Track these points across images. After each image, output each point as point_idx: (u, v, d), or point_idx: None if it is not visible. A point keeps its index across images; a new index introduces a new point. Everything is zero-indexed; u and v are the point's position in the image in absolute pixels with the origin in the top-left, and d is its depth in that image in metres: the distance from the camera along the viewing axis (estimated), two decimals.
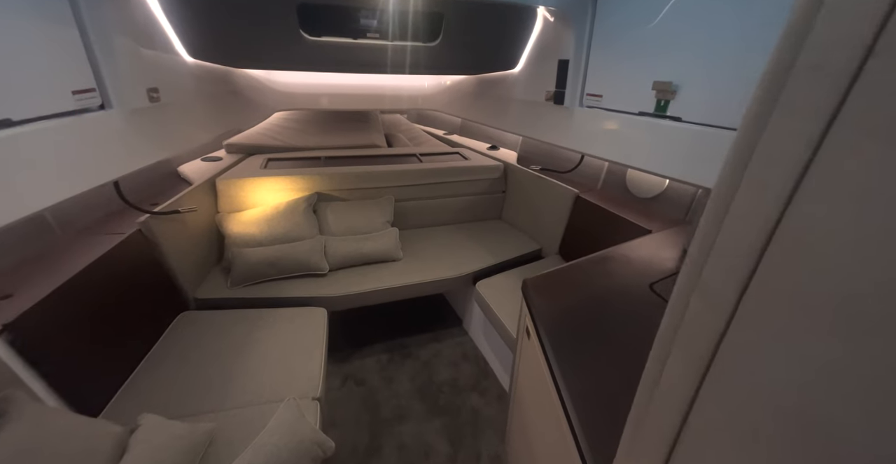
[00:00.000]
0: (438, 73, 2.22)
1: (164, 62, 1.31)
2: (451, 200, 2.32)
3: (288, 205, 1.89)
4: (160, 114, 1.29)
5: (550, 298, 1.06)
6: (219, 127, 1.75)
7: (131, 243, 1.31)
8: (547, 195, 2.00)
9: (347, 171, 2.09)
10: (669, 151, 1.22)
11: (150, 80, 1.23)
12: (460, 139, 3.04)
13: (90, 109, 1.04)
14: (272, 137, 2.53)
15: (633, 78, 1.33)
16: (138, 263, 1.34)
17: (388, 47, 1.69)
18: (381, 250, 1.88)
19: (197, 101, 1.54)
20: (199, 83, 1.53)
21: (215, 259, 1.82)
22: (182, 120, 1.44)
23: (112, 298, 1.20)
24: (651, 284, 1.10)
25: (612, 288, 1.09)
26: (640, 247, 1.33)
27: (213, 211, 1.88)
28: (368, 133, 2.78)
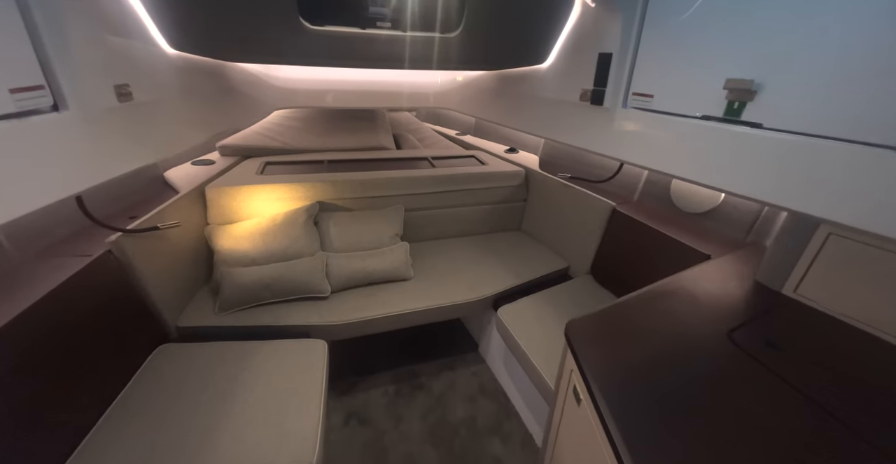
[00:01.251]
0: (457, 68, 2.02)
1: (138, 54, 1.12)
2: (467, 210, 2.12)
3: (286, 216, 1.70)
4: (134, 115, 1.10)
5: (605, 349, 0.85)
6: (209, 128, 1.56)
7: (99, 267, 1.13)
8: (577, 207, 1.79)
9: (353, 177, 1.90)
10: (746, 165, 1.01)
11: (118, 74, 1.04)
12: (475, 141, 2.83)
13: (40, 111, 0.85)
14: (271, 138, 2.35)
15: (695, 75, 1.12)
16: (108, 290, 1.16)
17: (402, 39, 1.49)
18: (390, 269, 1.69)
19: (181, 99, 1.35)
20: (183, 78, 1.34)
21: (203, 278, 1.64)
22: (163, 121, 1.25)
23: (74, 335, 1.02)
24: (730, 331, 0.89)
25: (682, 337, 0.89)
26: (703, 278, 1.12)
27: (202, 223, 1.69)
28: (375, 133, 2.58)
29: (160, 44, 1.21)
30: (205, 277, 1.64)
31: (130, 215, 1.43)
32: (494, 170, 2.12)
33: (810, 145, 0.85)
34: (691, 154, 1.16)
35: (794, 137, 0.91)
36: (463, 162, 2.30)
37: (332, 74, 2.29)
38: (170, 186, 1.73)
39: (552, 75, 1.64)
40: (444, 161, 2.29)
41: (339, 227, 1.79)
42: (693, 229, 1.44)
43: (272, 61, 1.61)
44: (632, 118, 1.36)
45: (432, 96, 2.50)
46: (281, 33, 1.32)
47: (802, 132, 0.88)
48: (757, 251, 1.25)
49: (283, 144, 2.31)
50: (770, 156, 0.96)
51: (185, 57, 1.31)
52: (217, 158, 2.13)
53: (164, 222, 1.35)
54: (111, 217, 1.39)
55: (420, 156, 2.36)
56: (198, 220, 1.67)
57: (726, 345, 0.85)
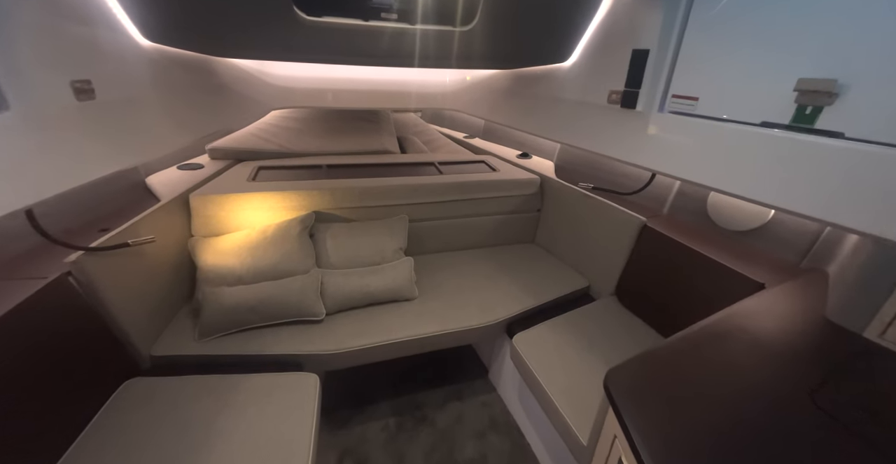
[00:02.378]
0: (470, 67, 1.87)
1: (105, 45, 0.98)
2: (477, 220, 1.96)
3: (278, 228, 1.55)
4: (99, 115, 0.96)
5: (658, 412, 0.69)
6: (195, 130, 1.42)
7: (54, 292, 0.98)
8: (600, 220, 1.63)
9: (352, 185, 1.75)
10: (818, 181, 0.85)
11: (77, 68, 0.89)
12: (484, 144, 2.68)
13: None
14: (266, 140, 2.20)
15: (754, 74, 0.97)
16: (66, 319, 1.01)
17: (409, 32, 1.34)
18: (392, 288, 1.53)
19: (159, 97, 1.20)
20: (161, 74, 1.20)
21: (186, 297, 1.49)
22: (136, 122, 1.11)
23: (23, 372, 0.87)
24: (811, 391, 0.73)
25: (754, 397, 0.73)
26: (761, 314, 0.96)
27: (186, 235, 1.54)
28: (379, 136, 2.43)
29: (132, 34, 1.06)
30: (187, 296, 1.49)
31: (101, 228, 1.28)
32: (506, 177, 1.97)
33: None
34: (745, 167, 1.00)
35: (885, 150, 0.75)
36: (472, 168, 2.14)
37: (334, 72, 2.14)
38: (152, 194, 1.58)
39: (575, 75, 1.49)
40: (452, 167, 2.14)
41: (337, 239, 1.64)
42: (736, 250, 1.27)
43: (262, 57, 1.46)
44: (670, 124, 1.20)
45: (440, 97, 2.35)
46: (271, 25, 1.17)
47: None
48: (819, 280, 1.08)
49: (279, 146, 2.17)
50: (852, 172, 0.79)
51: (162, 49, 1.16)
52: (206, 162, 1.98)
53: (138, 237, 1.20)
54: (78, 230, 1.25)
55: (426, 161, 2.20)
56: (180, 231, 1.52)
57: (813, 411, 0.68)
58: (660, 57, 1.18)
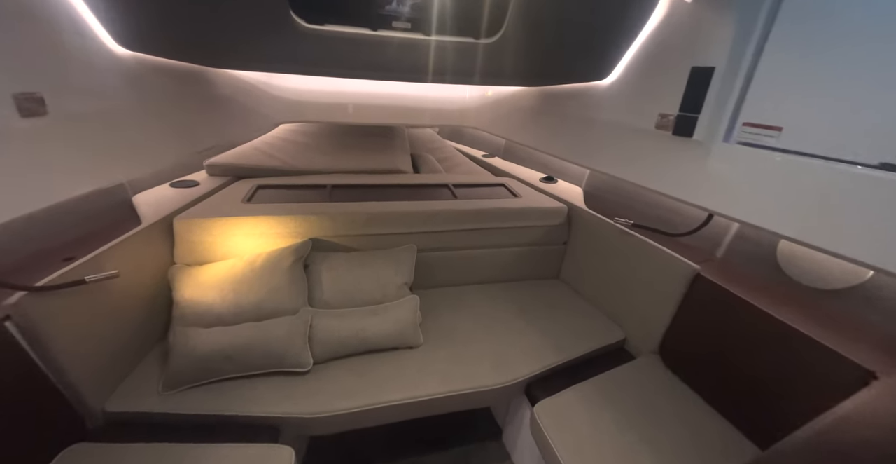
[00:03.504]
0: (492, 83, 1.69)
1: (66, 52, 0.84)
2: (493, 252, 1.75)
3: (268, 258, 1.38)
4: (53, 133, 0.81)
5: None
6: (185, 146, 1.28)
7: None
8: (642, 263, 1.40)
9: (356, 209, 1.58)
10: None
11: (28, 79, 0.75)
12: (505, 165, 2.49)
13: None
14: (270, 155, 2.07)
15: (870, 101, 0.75)
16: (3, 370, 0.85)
17: (423, 44, 1.17)
18: (393, 333, 1.33)
19: (142, 110, 1.07)
20: (144, 85, 1.06)
21: (159, 335, 1.32)
22: (110, 138, 0.97)
23: None
24: None
25: None
26: (883, 422, 0.71)
27: (167, 262, 1.39)
28: (392, 154, 2.28)
29: (103, 41, 0.92)
30: (161, 333, 1.32)
31: (66, 257, 1.13)
32: (530, 205, 1.76)
33: None
34: (851, 218, 0.77)
35: None
36: (491, 192, 1.95)
37: (346, 85, 2.02)
38: (136, 215, 1.45)
39: (615, 94, 1.29)
40: (469, 190, 1.95)
41: (334, 272, 1.46)
42: (823, 317, 1.02)
43: (258, 68, 1.32)
44: (739, 157, 0.98)
45: (458, 113, 2.18)
46: (266, 33, 1.02)
47: None
48: None
49: (283, 163, 2.04)
50: None
51: (142, 59, 1.03)
52: (203, 179, 1.86)
53: (102, 270, 1.05)
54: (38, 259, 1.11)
55: (440, 182, 2.03)
56: (162, 259, 1.38)
57: None
58: (728, 76, 0.97)
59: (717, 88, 0.99)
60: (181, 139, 1.28)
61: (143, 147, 1.10)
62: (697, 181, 1.07)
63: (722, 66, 0.97)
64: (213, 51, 1.07)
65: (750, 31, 0.91)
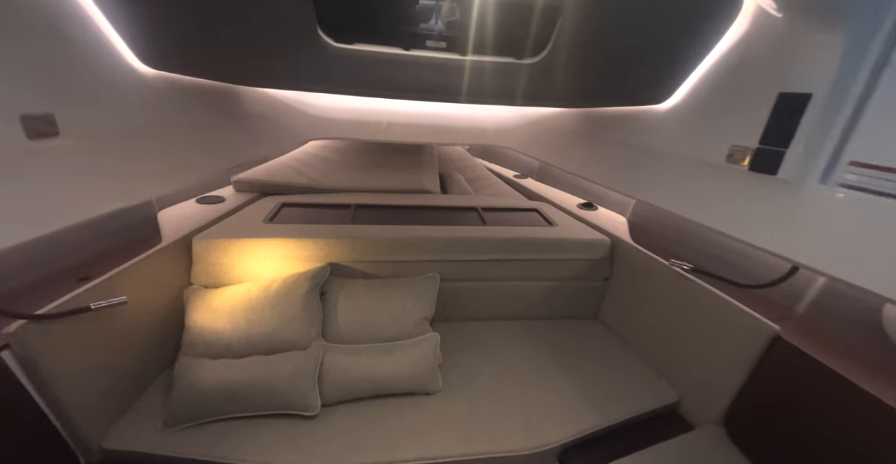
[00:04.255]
0: (533, 105, 1.58)
1: (89, 70, 0.81)
2: (525, 286, 1.60)
3: (284, 284, 1.31)
4: (67, 155, 0.78)
5: None
6: (213, 164, 1.25)
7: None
8: (703, 315, 1.20)
9: (378, 234, 1.49)
10: None
11: (39, 99, 0.72)
12: (538, 187, 2.34)
13: None
14: (298, 172, 2.05)
15: None
16: None
17: (459, 65, 1.08)
18: (409, 377, 1.21)
19: (167, 129, 1.04)
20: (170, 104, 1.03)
21: (168, 360, 1.27)
22: (134, 158, 0.93)
23: None
24: None
25: None
26: None
27: (184, 283, 1.36)
28: (419, 173, 2.20)
29: (127, 59, 0.89)
30: (171, 359, 1.27)
31: (82, 276, 1.11)
32: (567, 235, 1.60)
33: None
34: None
35: None
36: (523, 218, 1.81)
37: (376, 102, 1.97)
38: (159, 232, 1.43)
39: (676, 120, 1.13)
40: (499, 215, 1.82)
41: (351, 301, 1.36)
42: None
43: (284, 87, 1.28)
44: (842, 203, 0.79)
45: (492, 133, 2.07)
46: (293, 52, 0.96)
47: None
48: None
49: (310, 180, 2.00)
50: None
51: (166, 76, 1.00)
52: (230, 195, 1.85)
53: (110, 295, 1.00)
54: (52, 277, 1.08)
55: (468, 205, 1.91)
56: (179, 279, 1.34)
57: None
58: (830, 105, 0.79)
59: (813, 119, 0.82)
60: (209, 157, 1.25)
61: (170, 166, 1.07)
62: (781, 226, 0.89)
63: (822, 93, 0.80)
64: (238, 70, 1.03)
65: (863, 52, 0.74)
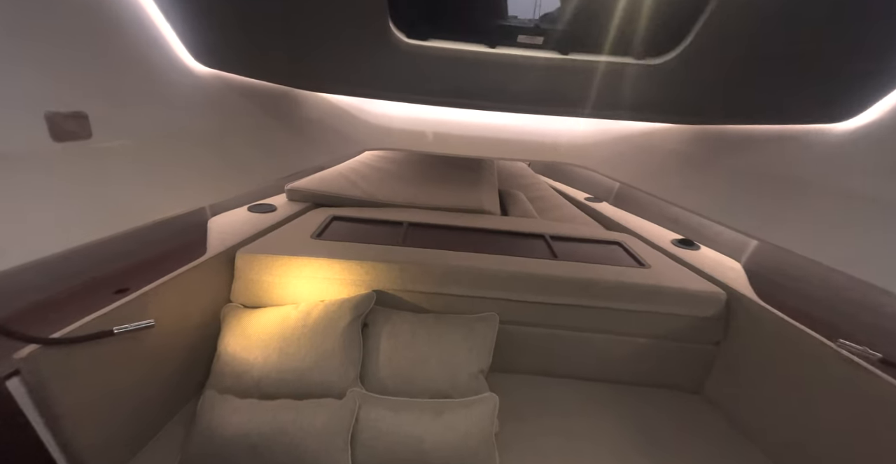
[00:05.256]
0: (648, 119, 1.30)
1: (138, 67, 0.70)
2: (605, 339, 1.31)
3: (325, 312, 1.16)
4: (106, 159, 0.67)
5: None
6: (266, 173, 1.15)
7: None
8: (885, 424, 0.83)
9: (430, 260, 1.30)
10: None
11: (71, 96, 0.61)
12: (618, 215, 2.02)
13: None
14: (353, 183, 1.94)
15: None
16: None
17: (558, 65, 0.85)
18: (459, 449, 0.97)
19: (221, 133, 0.93)
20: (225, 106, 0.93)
21: (197, 386, 1.15)
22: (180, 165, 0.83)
23: None
24: None
25: None
26: None
27: (223, 299, 1.25)
28: (477, 190, 2.00)
29: (180, 56, 0.79)
30: (197, 388, 1.15)
31: (119, 288, 1.03)
32: (667, 283, 1.29)
33: None
34: None
35: None
36: (603, 253, 1.52)
37: (438, 111, 1.82)
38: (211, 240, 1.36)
39: (866, 147, 0.80)
40: (571, 246, 1.55)
41: (397, 340, 1.17)
42: None
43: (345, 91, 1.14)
44: None
45: (564, 148, 1.82)
46: (358, 50, 0.80)
47: None
48: None
49: (363, 193, 1.88)
50: None
51: (222, 76, 0.89)
52: (282, 204, 1.78)
53: (140, 314, 0.90)
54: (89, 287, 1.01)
55: (534, 231, 1.66)
56: (219, 293, 1.24)
57: None
58: None
59: None
60: (265, 164, 1.15)
61: (224, 172, 0.97)
62: None
63: None
64: (298, 72, 0.90)
65: None
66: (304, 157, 1.44)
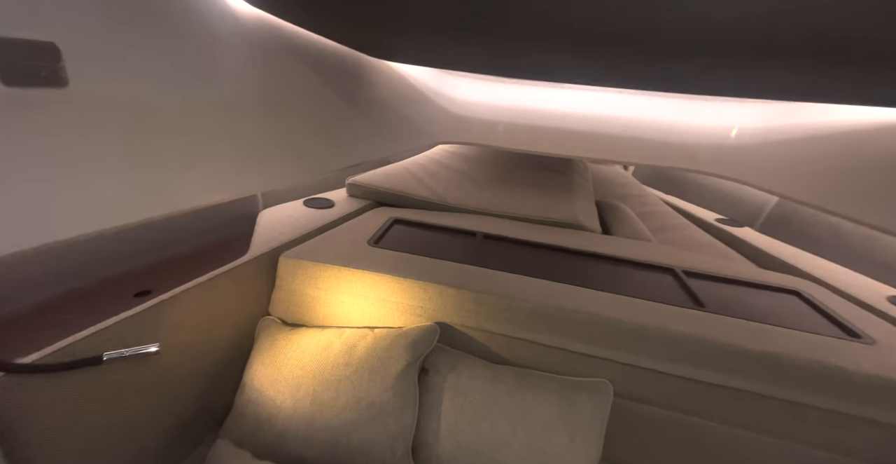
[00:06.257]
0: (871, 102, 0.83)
1: None
2: (763, 444, 0.85)
3: (374, 347, 0.88)
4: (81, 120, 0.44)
5: None
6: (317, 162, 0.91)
7: None
8: None
9: (512, 293, 0.96)
10: None
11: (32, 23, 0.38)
12: (776, 248, 1.47)
13: None
14: (420, 181, 1.67)
15: None
16: None
17: None
18: None
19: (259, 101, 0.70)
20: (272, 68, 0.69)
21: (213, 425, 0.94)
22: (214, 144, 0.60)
23: None
24: None
25: None
26: None
27: (261, 309, 1.04)
28: (570, 199, 1.61)
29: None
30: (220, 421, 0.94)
31: (140, 290, 0.85)
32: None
33: None
34: None
35: None
36: (770, 305, 1.04)
37: (530, 98, 1.47)
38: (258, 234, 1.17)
39: None
40: (717, 289, 1.09)
41: (464, 400, 0.85)
42: None
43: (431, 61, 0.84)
44: None
45: (707, 154, 1.35)
46: None
47: None
48: None
49: (432, 193, 1.60)
50: None
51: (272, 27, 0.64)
52: (341, 199, 1.56)
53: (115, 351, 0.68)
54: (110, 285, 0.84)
55: (659, 263, 1.23)
56: (256, 304, 1.03)
57: None
58: None
59: None
60: (325, 151, 0.91)
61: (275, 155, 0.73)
62: None
63: None
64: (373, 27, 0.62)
65: None
66: (371, 145, 1.18)
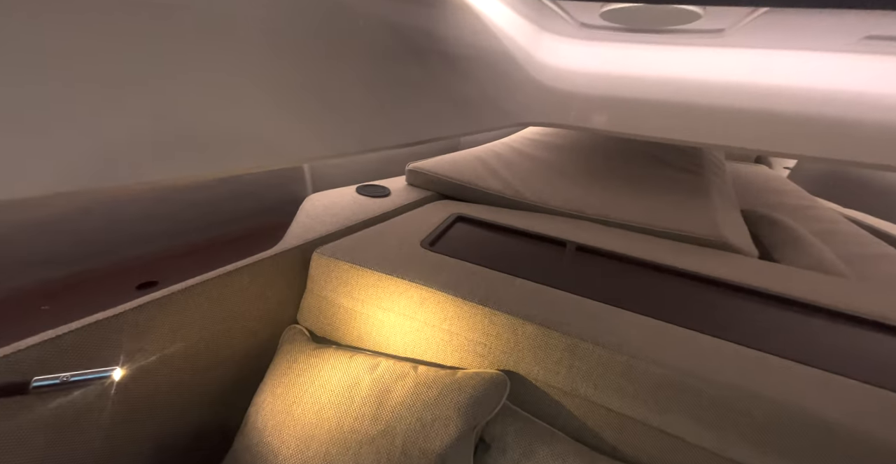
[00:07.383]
0: None
1: None
2: None
3: (414, 397, 0.62)
4: None
5: None
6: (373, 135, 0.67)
7: None
8: None
9: (627, 336, 0.62)
10: None
11: None
12: None
13: None
14: (491, 171, 1.37)
15: None
16: None
17: None
18: None
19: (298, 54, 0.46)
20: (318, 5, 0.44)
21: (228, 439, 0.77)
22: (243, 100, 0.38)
23: None
24: None
25: None
26: None
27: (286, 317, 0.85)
28: (706, 206, 1.17)
29: None
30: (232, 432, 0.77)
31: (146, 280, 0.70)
32: None
33: None
34: None
35: None
36: None
37: (663, 63, 1.07)
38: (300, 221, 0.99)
39: None
40: None
41: None
42: None
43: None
44: None
45: None
46: None
47: None
48: None
49: (506, 186, 1.29)
50: None
51: None
52: (399, 188, 1.33)
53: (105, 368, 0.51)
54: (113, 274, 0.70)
55: (863, 315, 0.77)
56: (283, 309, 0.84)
57: None
58: None
59: None
60: (381, 123, 0.67)
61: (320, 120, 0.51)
62: None
63: None
64: None
65: None
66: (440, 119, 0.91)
